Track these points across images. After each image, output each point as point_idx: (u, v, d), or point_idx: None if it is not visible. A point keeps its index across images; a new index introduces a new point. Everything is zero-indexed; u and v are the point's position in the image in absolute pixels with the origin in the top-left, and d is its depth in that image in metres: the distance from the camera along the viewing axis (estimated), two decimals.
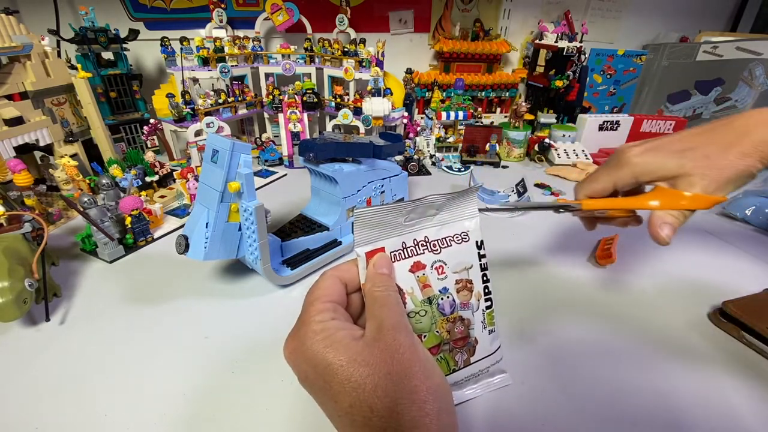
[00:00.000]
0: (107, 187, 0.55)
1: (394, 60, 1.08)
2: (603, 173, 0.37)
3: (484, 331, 0.34)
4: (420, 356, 0.23)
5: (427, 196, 0.30)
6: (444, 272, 0.32)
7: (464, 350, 0.33)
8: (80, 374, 0.37)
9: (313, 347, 0.23)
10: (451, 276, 0.33)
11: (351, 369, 0.22)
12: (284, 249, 0.50)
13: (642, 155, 0.35)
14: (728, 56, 1.07)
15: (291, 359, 0.24)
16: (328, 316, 0.25)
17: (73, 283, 0.50)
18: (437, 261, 0.32)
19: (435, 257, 0.32)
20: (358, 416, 0.21)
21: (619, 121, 0.98)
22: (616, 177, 0.36)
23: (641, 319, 0.45)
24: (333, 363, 0.22)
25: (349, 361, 0.22)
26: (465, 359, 0.33)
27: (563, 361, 0.39)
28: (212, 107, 0.85)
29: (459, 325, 0.32)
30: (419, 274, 0.32)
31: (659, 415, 0.34)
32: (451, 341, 0.32)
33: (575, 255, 0.57)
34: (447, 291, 0.32)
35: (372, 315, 0.25)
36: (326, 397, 0.22)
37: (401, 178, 0.65)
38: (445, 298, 0.32)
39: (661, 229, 0.33)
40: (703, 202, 0.32)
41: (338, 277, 0.28)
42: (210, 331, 0.43)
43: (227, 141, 0.41)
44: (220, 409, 0.34)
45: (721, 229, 0.66)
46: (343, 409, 0.21)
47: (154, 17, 0.97)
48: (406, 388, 0.21)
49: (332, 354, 0.22)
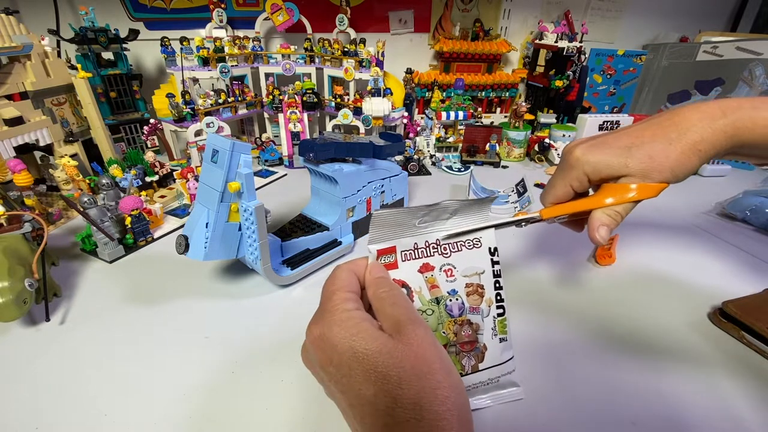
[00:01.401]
0: (107, 187, 0.55)
1: (394, 60, 1.08)
2: (558, 178, 0.37)
3: (494, 339, 0.33)
4: (440, 353, 0.24)
5: (443, 201, 0.30)
6: (453, 275, 0.33)
7: (472, 355, 0.33)
8: (80, 374, 0.37)
9: (340, 334, 0.23)
10: (461, 279, 0.33)
11: (377, 359, 0.22)
12: (284, 249, 0.50)
13: (588, 153, 0.34)
14: (728, 56, 1.07)
15: (316, 344, 0.24)
16: (353, 306, 0.25)
17: (73, 283, 0.50)
18: (446, 264, 0.33)
19: (444, 260, 0.33)
20: (381, 405, 0.21)
21: (619, 121, 0.98)
22: (569, 179, 0.35)
23: (641, 320, 0.45)
24: (359, 351, 0.22)
25: (375, 351, 0.22)
26: (473, 365, 0.33)
27: (562, 361, 0.39)
28: (212, 107, 0.85)
29: (467, 328, 0.33)
30: (428, 275, 0.32)
31: (659, 415, 0.34)
32: (458, 344, 0.32)
33: (575, 255, 0.57)
34: (456, 293, 0.33)
35: (385, 315, 0.26)
36: (349, 384, 0.23)
37: (401, 178, 0.65)
38: (453, 300, 0.32)
39: (597, 231, 0.33)
40: (650, 191, 0.33)
41: (353, 271, 0.29)
42: (210, 331, 0.43)
43: (227, 141, 0.41)
44: (220, 409, 0.34)
45: (721, 229, 0.66)
46: (366, 398, 0.22)
47: (154, 17, 0.97)
48: (430, 383, 0.22)
49: (359, 343, 0.23)
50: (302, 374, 0.37)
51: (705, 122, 0.31)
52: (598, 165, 0.33)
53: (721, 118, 0.31)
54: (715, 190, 0.81)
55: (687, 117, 0.32)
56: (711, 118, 0.31)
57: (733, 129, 0.31)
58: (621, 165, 0.32)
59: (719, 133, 0.31)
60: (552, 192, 0.37)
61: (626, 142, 0.33)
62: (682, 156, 0.31)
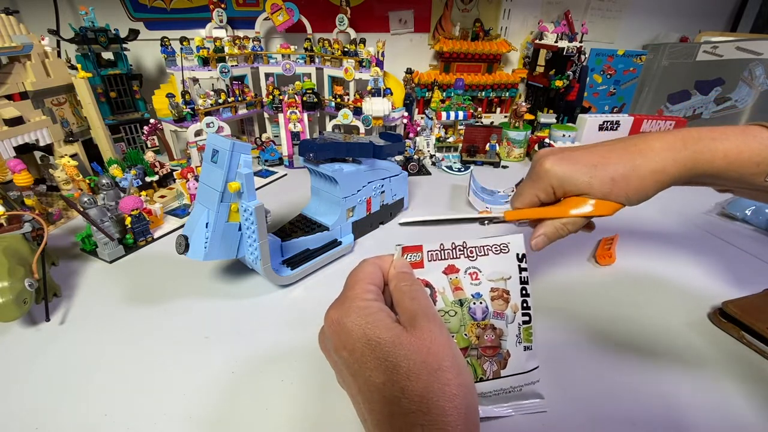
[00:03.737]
0: (107, 187, 0.55)
1: (394, 60, 1.08)
2: (527, 186, 0.38)
3: (518, 346, 0.33)
4: (453, 352, 0.24)
5: None
6: (478, 278, 0.33)
7: (494, 360, 0.32)
8: (80, 374, 0.37)
9: (357, 321, 0.24)
10: (486, 283, 0.33)
11: (389, 348, 0.23)
12: (284, 249, 0.50)
13: (556, 166, 0.35)
14: (728, 56, 1.07)
15: (333, 328, 0.25)
16: (372, 297, 0.26)
17: (73, 283, 0.50)
18: (471, 267, 0.33)
19: (470, 263, 0.33)
20: (389, 394, 0.22)
21: (619, 121, 0.98)
22: (537, 190, 0.37)
23: (641, 319, 0.45)
24: (373, 339, 0.23)
25: (388, 341, 0.23)
26: (495, 370, 0.32)
27: (561, 361, 0.39)
28: (212, 107, 0.85)
29: (490, 333, 0.32)
30: (452, 276, 0.33)
31: (659, 415, 0.34)
32: (480, 347, 0.32)
33: (575, 255, 0.57)
34: (480, 296, 0.33)
35: (403, 308, 0.26)
36: (360, 370, 0.23)
37: (401, 178, 0.65)
38: (477, 303, 0.32)
39: (535, 239, 0.36)
40: (606, 209, 0.35)
41: (379, 265, 0.30)
42: (210, 331, 0.43)
43: (227, 141, 0.41)
44: (220, 409, 0.34)
45: (721, 229, 0.66)
46: (375, 385, 0.23)
47: (154, 17, 0.97)
48: (439, 380, 0.22)
49: (374, 331, 0.24)
50: (302, 374, 0.37)
51: (668, 153, 0.33)
52: (565, 180, 0.35)
53: (683, 150, 0.32)
54: (715, 190, 0.80)
55: (652, 146, 0.33)
56: (674, 150, 0.33)
57: (692, 161, 0.32)
58: (585, 184, 0.34)
59: (680, 165, 0.32)
60: (520, 200, 0.38)
61: (593, 161, 0.34)
62: (642, 183, 0.33)
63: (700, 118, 1.15)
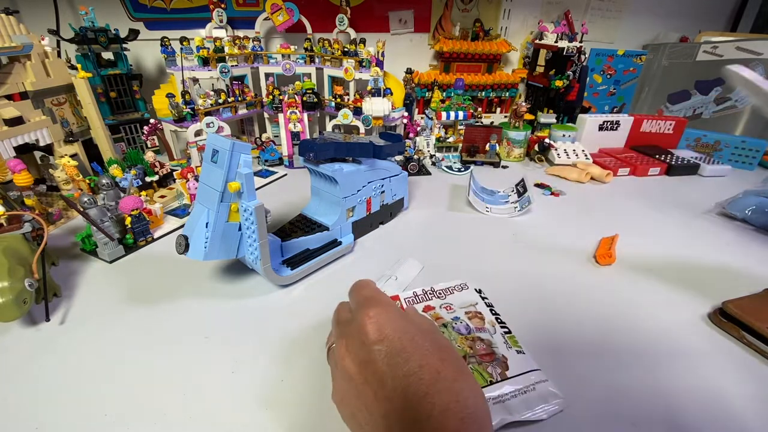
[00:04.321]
0: (107, 187, 0.55)
1: (394, 60, 1.08)
2: None
3: (510, 350, 0.38)
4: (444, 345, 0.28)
5: None
6: (452, 308, 0.43)
7: (495, 364, 0.36)
8: (80, 374, 0.37)
9: (401, 315, 0.28)
10: (459, 310, 0.43)
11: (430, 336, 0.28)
12: (284, 249, 0.50)
13: None
14: (728, 56, 1.07)
15: (375, 319, 0.27)
16: None
17: (73, 283, 0.50)
18: (443, 303, 0.44)
19: (441, 301, 0.45)
20: (426, 376, 0.24)
21: (619, 121, 0.98)
22: None
23: (641, 319, 0.45)
24: (417, 330, 0.27)
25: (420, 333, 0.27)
26: (500, 372, 0.36)
27: (561, 361, 0.39)
28: (212, 107, 0.85)
29: (479, 343, 0.39)
30: (430, 313, 0.43)
31: (659, 415, 0.34)
32: (477, 355, 0.37)
33: (575, 255, 0.57)
34: (459, 319, 0.42)
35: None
36: (405, 355, 0.25)
37: (401, 178, 0.65)
38: (459, 323, 0.41)
39: None
40: None
41: None
42: (210, 331, 0.43)
43: (227, 141, 0.41)
44: (220, 409, 0.34)
45: (721, 229, 0.66)
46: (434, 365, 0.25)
47: (154, 17, 0.97)
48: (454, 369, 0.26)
49: (414, 325, 0.28)
50: (302, 374, 0.37)
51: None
52: None
53: None
54: (715, 190, 0.81)
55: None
56: None
57: None
58: None
59: None
60: None
61: None
62: None
63: (700, 118, 1.15)
